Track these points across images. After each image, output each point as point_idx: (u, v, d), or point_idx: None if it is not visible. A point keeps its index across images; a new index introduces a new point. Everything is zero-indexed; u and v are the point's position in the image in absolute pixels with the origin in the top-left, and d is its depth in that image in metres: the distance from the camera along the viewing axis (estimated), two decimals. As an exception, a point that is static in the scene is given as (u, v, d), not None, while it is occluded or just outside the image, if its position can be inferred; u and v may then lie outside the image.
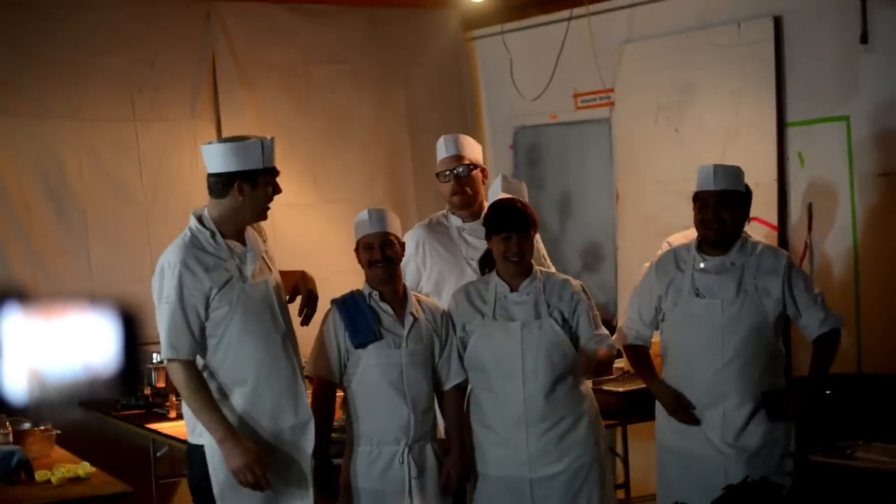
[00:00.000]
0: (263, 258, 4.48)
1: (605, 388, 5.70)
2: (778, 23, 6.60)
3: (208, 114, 7.56)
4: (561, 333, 4.57)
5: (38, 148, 6.98)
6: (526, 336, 4.56)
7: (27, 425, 5.72)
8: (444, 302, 4.91)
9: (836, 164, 6.35)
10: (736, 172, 4.80)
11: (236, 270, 4.35)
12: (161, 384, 6.48)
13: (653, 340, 5.07)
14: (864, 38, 6.11)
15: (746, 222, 4.93)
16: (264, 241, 4.56)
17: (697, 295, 4.73)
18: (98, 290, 6.90)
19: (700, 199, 4.77)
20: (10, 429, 5.42)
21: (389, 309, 4.59)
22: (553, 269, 5.07)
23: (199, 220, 4.41)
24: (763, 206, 6.32)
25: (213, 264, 4.32)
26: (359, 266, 4.72)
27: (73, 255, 6.98)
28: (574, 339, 4.62)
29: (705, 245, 4.80)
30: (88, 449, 5.68)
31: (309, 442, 4.44)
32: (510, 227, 4.58)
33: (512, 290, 4.64)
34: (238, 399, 4.35)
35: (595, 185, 7.99)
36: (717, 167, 4.77)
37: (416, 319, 4.61)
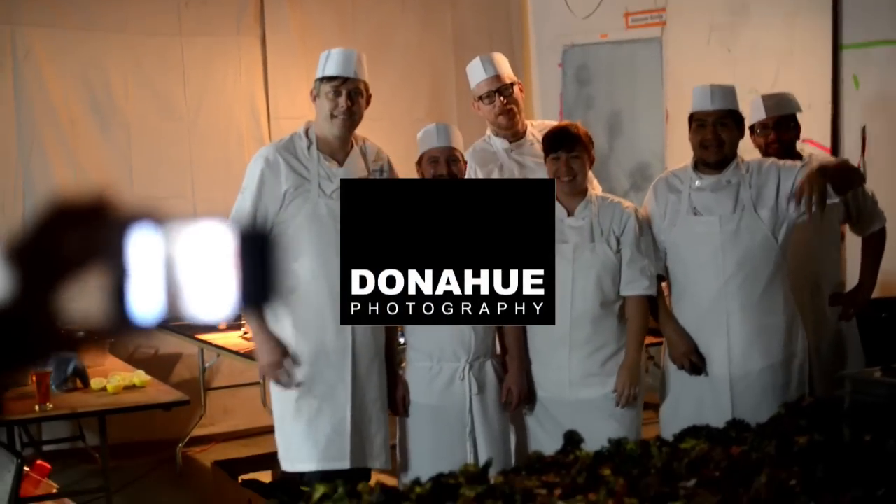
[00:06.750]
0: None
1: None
2: (836, -57, 6.45)
3: (254, 30, 7.51)
4: (612, 258, 4.54)
5: (83, 61, 6.97)
6: (578, 258, 4.52)
7: (80, 333, 5.73)
8: None
9: (892, 87, 6.26)
10: (732, 92, 4.72)
11: (317, 181, 4.39)
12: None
13: None
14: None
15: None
16: (381, 170, 4.60)
17: (695, 213, 4.68)
18: (139, 205, 6.89)
19: (697, 119, 4.69)
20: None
21: None
22: (599, 190, 5.01)
23: (306, 129, 4.51)
24: (816, 128, 6.27)
25: (296, 167, 4.41)
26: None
27: (115, 169, 7.00)
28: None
29: (701, 165, 4.73)
30: (138, 357, 5.71)
31: (347, 368, 4.48)
32: (559, 147, 4.53)
33: (569, 215, 4.60)
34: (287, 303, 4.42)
35: (644, 105, 7.89)
36: (713, 87, 4.69)
37: None
